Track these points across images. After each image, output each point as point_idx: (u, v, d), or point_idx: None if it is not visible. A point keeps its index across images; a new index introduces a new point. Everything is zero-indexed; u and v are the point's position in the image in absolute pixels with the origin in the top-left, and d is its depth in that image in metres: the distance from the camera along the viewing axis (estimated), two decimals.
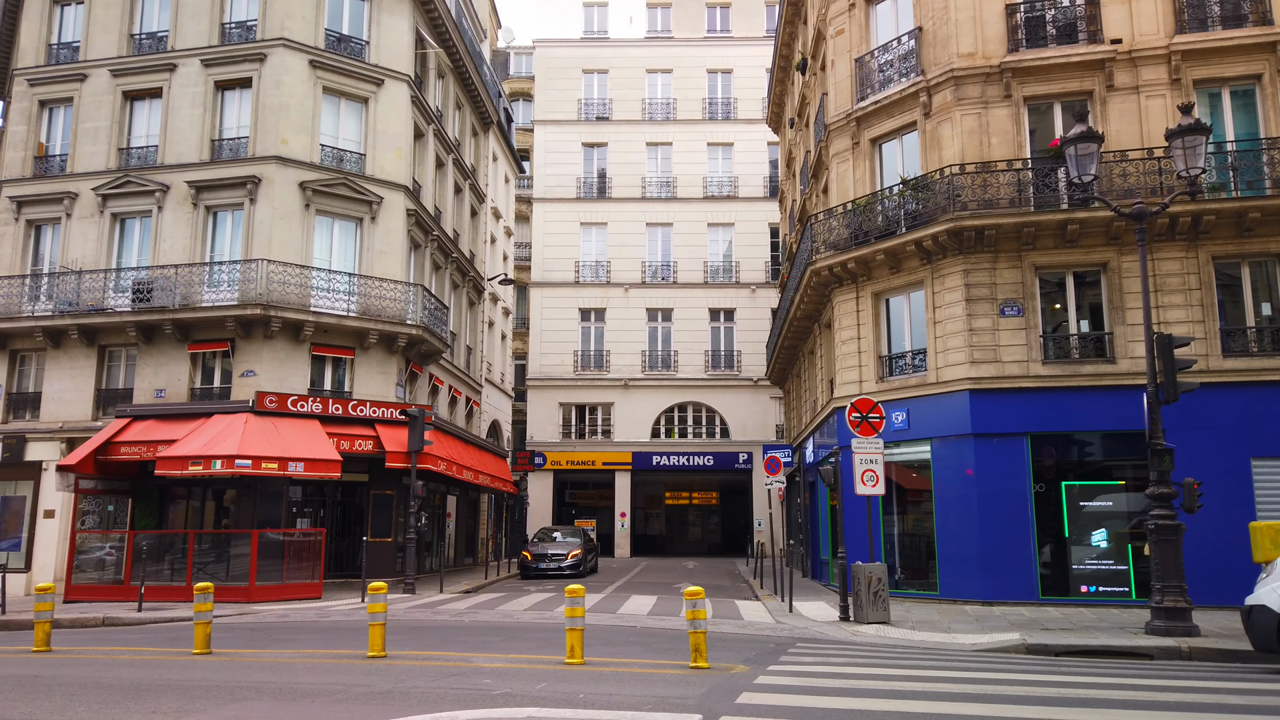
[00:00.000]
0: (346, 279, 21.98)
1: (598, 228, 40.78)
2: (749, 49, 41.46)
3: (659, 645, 10.94)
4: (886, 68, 19.45)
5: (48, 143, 23.05)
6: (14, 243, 22.41)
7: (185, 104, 22.12)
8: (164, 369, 21.14)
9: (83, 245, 22.04)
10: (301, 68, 22.02)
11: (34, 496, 21.26)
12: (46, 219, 22.59)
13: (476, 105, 30.40)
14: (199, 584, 10.57)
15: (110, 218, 22.12)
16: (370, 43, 23.34)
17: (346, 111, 22.93)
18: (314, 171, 21.88)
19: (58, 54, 23.34)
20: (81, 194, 22.21)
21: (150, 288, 20.91)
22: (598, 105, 41.87)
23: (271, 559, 18.40)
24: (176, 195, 21.77)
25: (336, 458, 19.11)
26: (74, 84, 22.75)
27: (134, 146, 22.56)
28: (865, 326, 19.10)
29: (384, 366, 22.40)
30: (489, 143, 32.96)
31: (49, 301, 21.84)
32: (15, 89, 23.09)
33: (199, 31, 22.42)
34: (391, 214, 22.90)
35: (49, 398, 21.65)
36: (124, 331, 21.11)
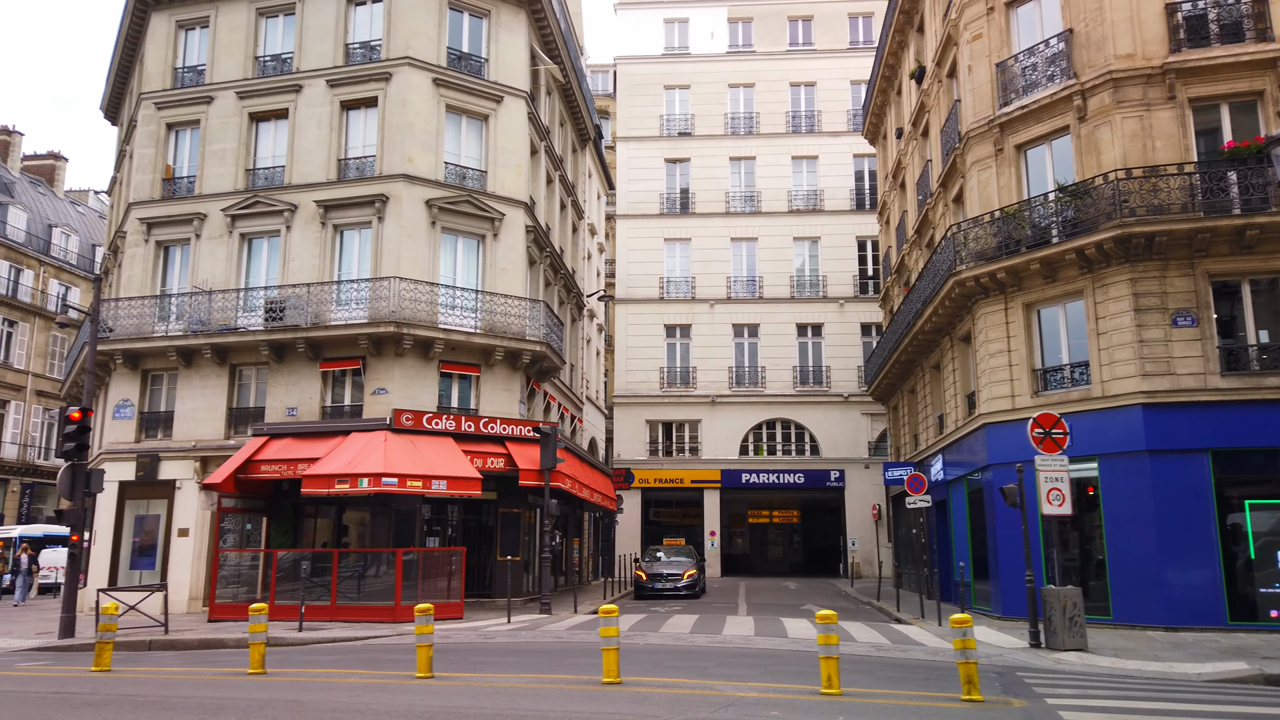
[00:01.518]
0: (471, 296, 21.89)
1: (681, 243, 40.54)
2: (832, 61, 41.10)
3: (890, 674, 10.48)
4: (1031, 71, 18.94)
5: (175, 165, 23.33)
6: (144, 264, 22.68)
7: (312, 124, 22.27)
8: (295, 387, 21.18)
9: (212, 265, 22.23)
10: (425, 86, 22.07)
11: (168, 515, 21.37)
12: (175, 240, 22.85)
13: (576, 121, 30.37)
14: (419, 605, 10.34)
15: (239, 238, 22.30)
16: (489, 60, 23.36)
17: (467, 129, 22.94)
18: (439, 189, 21.88)
19: (183, 77, 23.67)
20: (210, 215, 22.42)
21: (282, 306, 20.99)
22: (680, 121, 41.74)
23: (411, 578, 18.22)
24: (305, 215, 21.88)
25: (476, 475, 18.93)
26: (201, 106, 23.04)
27: (260, 167, 22.76)
28: (1016, 339, 18.50)
29: (508, 383, 22.24)
30: (585, 159, 32.92)
31: (179, 321, 22.03)
32: (142, 113, 23.43)
33: (323, 53, 22.60)
34: (512, 231, 22.82)
35: (181, 417, 21.79)
36: (256, 350, 21.20)
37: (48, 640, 16.24)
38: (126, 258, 23.07)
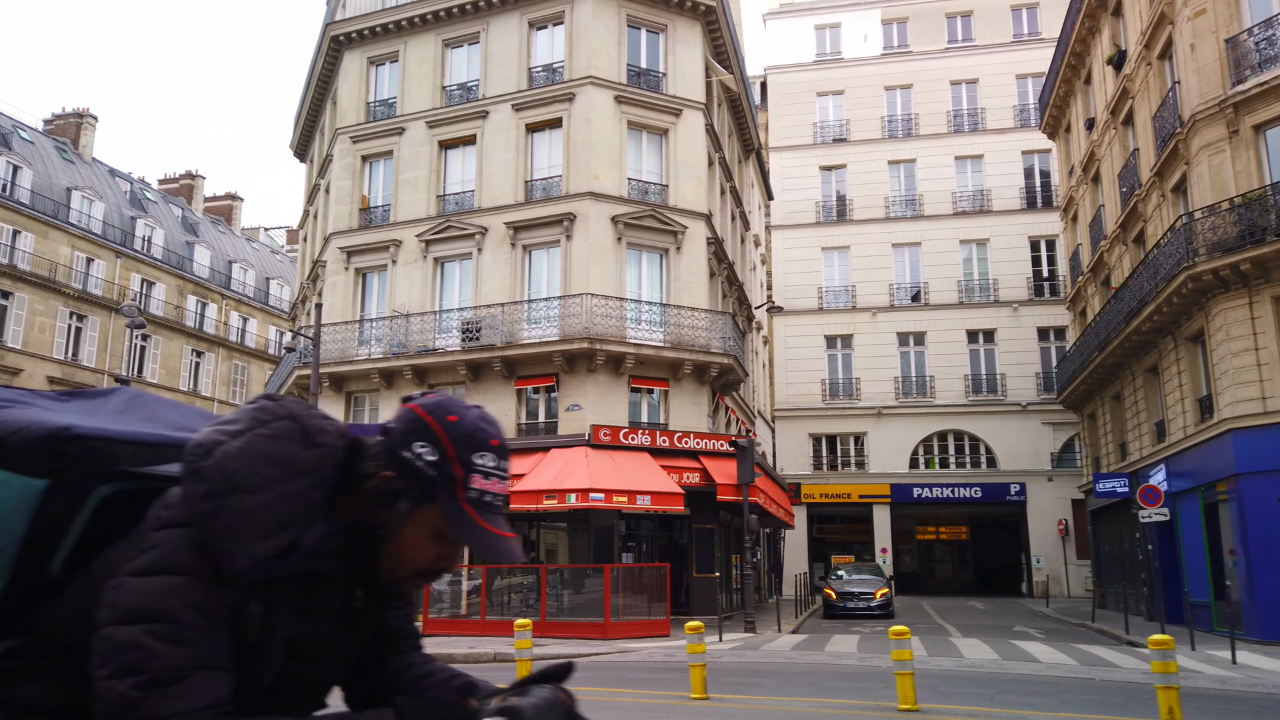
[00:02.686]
0: (657, 310, 21.80)
1: (840, 251, 39.57)
2: (996, 56, 39.40)
3: (1226, 708, 9.50)
4: (1267, 46, 17.37)
5: (370, 195, 24.32)
6: (344, 291, 23.68)
7: (498, 148, 22.79)
8: (491, 405, 21.53)
9: (408, 290, 22.98)
10: (608, 104, 22.23)
11: None
12: (372, 266, 23.77)
13: (742, 132, 30.10)
14: (690, 623, 10.08)
15: (432, 262, 22.99)
16: (666, 74, 23.36)
17: (648, 144, 22.98)
18: (623, 205, 21.95)
19: (375, 111, 24.70)
20: (405, 241, 23.22)
21: (477, 327, 21.45)
22: (834, 127, 40.90)
23: (619, 594, 18.13)
24: (495, 236, 22.36)
25: (679, 490, 18.72)
26: (393, 138, 23.96)
27: (450, 193, 23.44)
28: (1264, 335, 16.90)
29: (695, 397, 22.01)
30: (749, 170, 32.59)
31: (379, 345, 22.84)
32: (338, 147, 24.56)
33: (507, 78, 23.12)
34: (694, 243, 22.65)
35: None
36: (453, 370, 21.73)
37: None
38: (327, 285, 24.15)
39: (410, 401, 1.35)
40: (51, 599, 1.32)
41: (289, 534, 1.22)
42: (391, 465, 1.29)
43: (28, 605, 1.32)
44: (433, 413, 1.31)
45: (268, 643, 1.24)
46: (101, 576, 1.24)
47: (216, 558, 1.18)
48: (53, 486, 1.29)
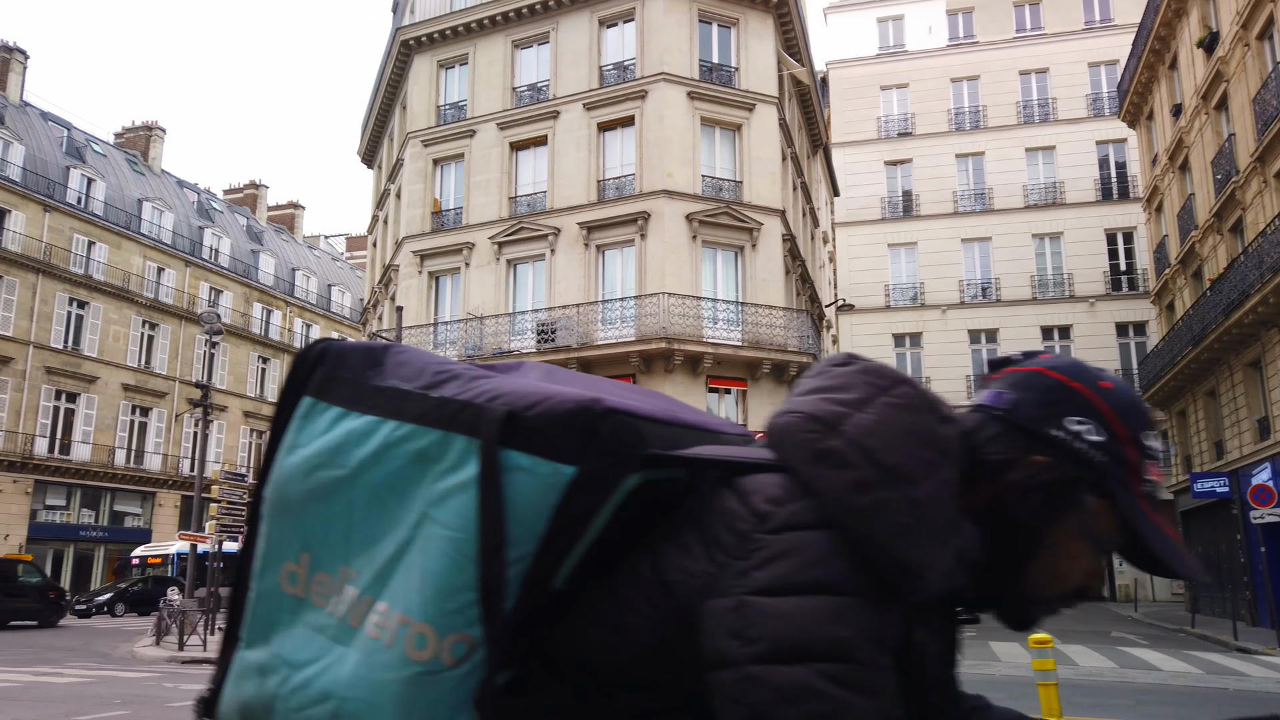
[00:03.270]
0: (733, 309, 21.43)
1: (906, 248, 38.77)
2: (1067, 44, 38.29)
3: None
4: None
5: (442, 198, 24.33)
6: (418, 294, 23.70)
7: (570, 148, 22.61)
8: None
9: (481, 292, 22.91)
10: (680, 100, 21.93)
11: None
12: (445, 270, 23.76)
13: (810, 126, 29.60)
14: None
15: (505, 264, 22.90)
16: (739, 69, 22.99)
17: (720, 140, 22.63)
18: (697, 203, 21.62)
19: (445, 114, 24.71)
20: (478, 244, 23.16)
21: (553, 328, 21.28)
22: (898, 121, 40.09)
23: None
24: (567, 237, 22.18)
25: None
26: (464, 140, 23.93)
27: (522, 194, 23.33)
28: None
29: (774, 397, 21.55)
30: (816, 166, 32.05)
31: (452, 348, 22.79)
32: (409, 151, 24.61)
33: (578, 78, 22.95)
34: (769, 240, 22.23)
35: None
36: None
37: None
38: (400, 289, 24.20)
39: (1032, 363, 1.02)
40: (558, 617, 1.02)
41: (959, 537, 0.90)
42: (1039, 447, 0.96)
43: (531, 626, 1.02)
44: (1080, 378, 0.98)
45: (926, 685, 0.92)
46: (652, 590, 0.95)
47: (888, 571, 0.86)
48: (579, 476, 0.97)
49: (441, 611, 0.92)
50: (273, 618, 1.07)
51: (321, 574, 1.04)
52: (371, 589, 0.99)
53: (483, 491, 0.93)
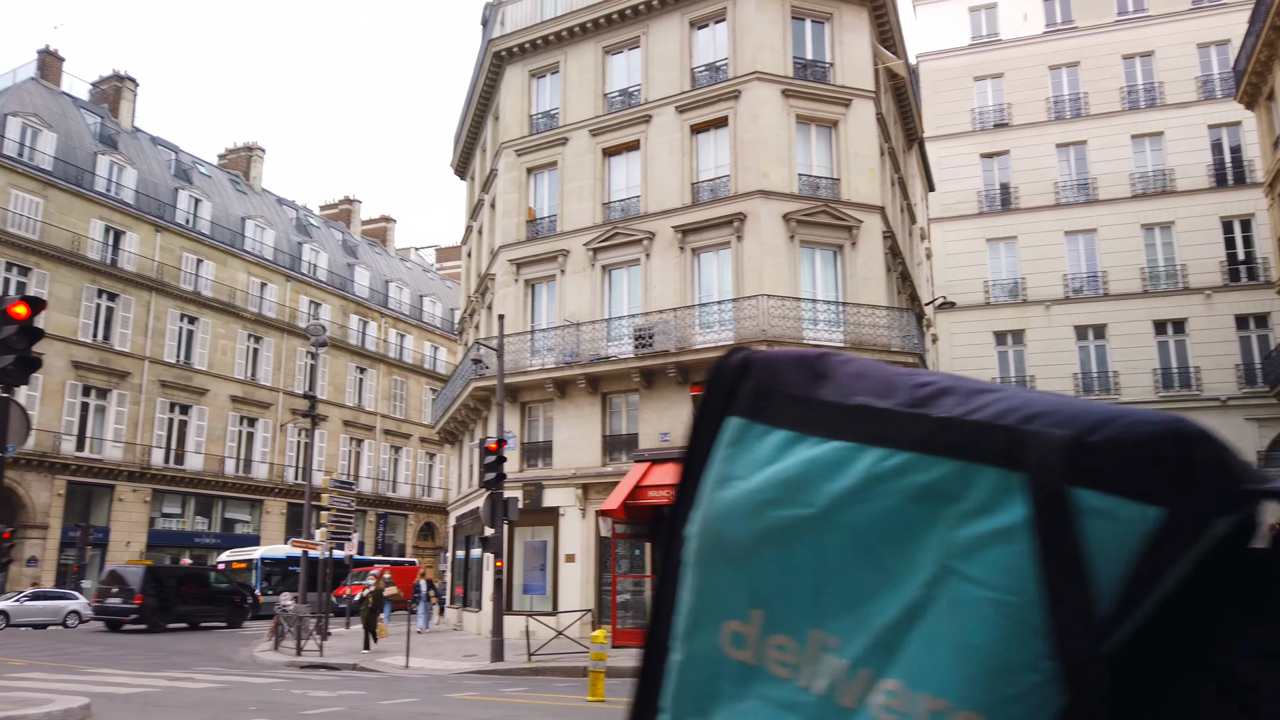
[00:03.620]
0: (833, 309, 20.98)
1: (1005, 243, 37.44)
2: (1173, 26, 36.47)
3: None
4: None
5: (535, 206, 24.52)
6: (515, 302, 23.93)
7: (663, 152, 22.52)
8: (666, 412, 21.24)
9: (577, 299, 22.99)
10: (775, 99, 21.61)
11: (554, 541, 22.14)
12: (540, 277, 23.93)
13: (905, 121, 28.87)
14: None
15: (600, 270, 22.92)
16: (834, 64, 22.55)
17: (816, 137, 22.23)
18: (794, 202, 21.26)
19: (538, 123, 24.92)
20: (572, 250, 23.25)
21: (650, 333, 21.18)
22: (993, 113, 38.80)
23: None
24: (662, 241, 22.07)
25: None
26: (557, 149, 24.08)
27: (615, 200, 23.34)
28: None
29: None
30: (911, 161, 31.25)
31: (550, 354, 22.92)
32: (503, 161, 24.89)
33: (669, 80, 22.85)
34: (869, 238, 21.70)
35: (559, 445, 22.59)
36: (626, 378, 21.53)
37: (479, 663, 17.00)
38: (497, 298, 24.47)
39: None
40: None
41: None
42: None
43: None
44: None
45: None
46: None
47: None
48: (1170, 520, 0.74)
49: (996, 697, 0.71)
50: (711, 687, 0.87)
51: (781, 637, 0.84)
52: (870, 661, 0.78)
53: (1049, 542, 0.71)
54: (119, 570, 29.40)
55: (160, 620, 27.56)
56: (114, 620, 26.97)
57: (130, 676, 14.34)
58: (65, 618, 28.08)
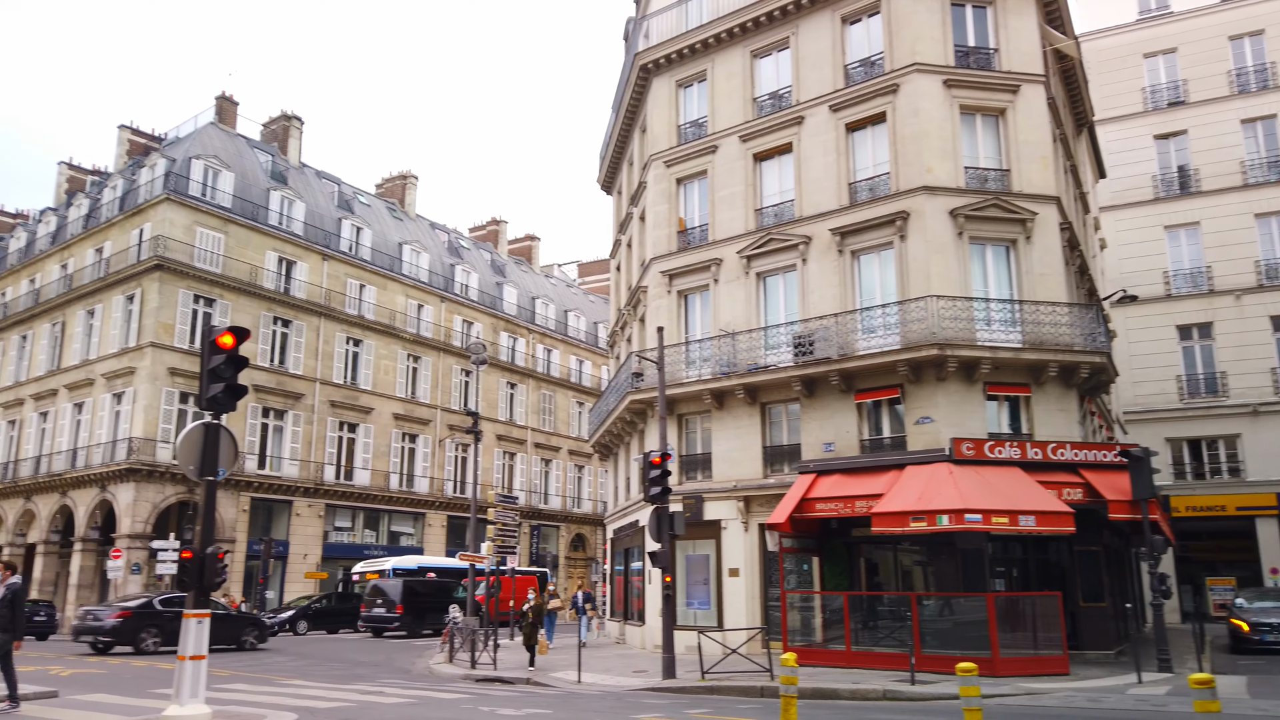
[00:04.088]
0: (1007, 308, 19.72)
1: (1187, 229, 34.60)
2: None
3: None
4: None
5: (686, 216, 24.32)
6: (668, 313, 23.76)
7: (817, 153, 21.87)
8: (830, 422, 20.52)
9: (731, 307, 22.60)
10: (936, 90, 20.60)
11: (716, 555, 21.77)
12: (693, 287, 23.69)
13: (1074, 104, 27.02)
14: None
15: (755, 277, 22.46)
16: (998, 49, 21.32)
17: (983, 127, 21.05)
18: (961, 197, 20.16)
19: (686, 133, 24.74)
20: (725, 259, 22.90)
21: (810, 340, 20.54)
22: (1167, 90, 35.99)
23: (1009, 626, 16.32)
24: (819, 245, 21.41)
25: (1067, 510, 16.55)
26: (706, 157, 23.82)
27: (767, 205, 22.85)
28: None
29: (1062, 402, 19.61)
30: (1081, 147, 29.28)
31: (705, 365, 22.60)
32: (652, 173, 24.82)
33: (821, 79, 22.19)
34: (1045, 231, 20.33)
35: (719, 458, 22.22)
36: (786, 387, 20.94)
37: (650, 680, 16.76)
38: (650, 310, 24.38)
39: None
40: None
41: None
42: None
43: None
44: None
45: None
46: None
47: None
48: None
49: None
50: None
51: None
52: None
53: None
54: (381, 584, 33.21)
55: (417, 628, 30.95)
56: (378, 628, 30.49)
57: (323, 689, 14.89)
58: None
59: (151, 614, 22.95)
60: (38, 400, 40.65)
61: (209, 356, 10.56)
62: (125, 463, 34.59)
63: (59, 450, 38.67)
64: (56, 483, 37.71)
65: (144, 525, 34.74)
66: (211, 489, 10.41)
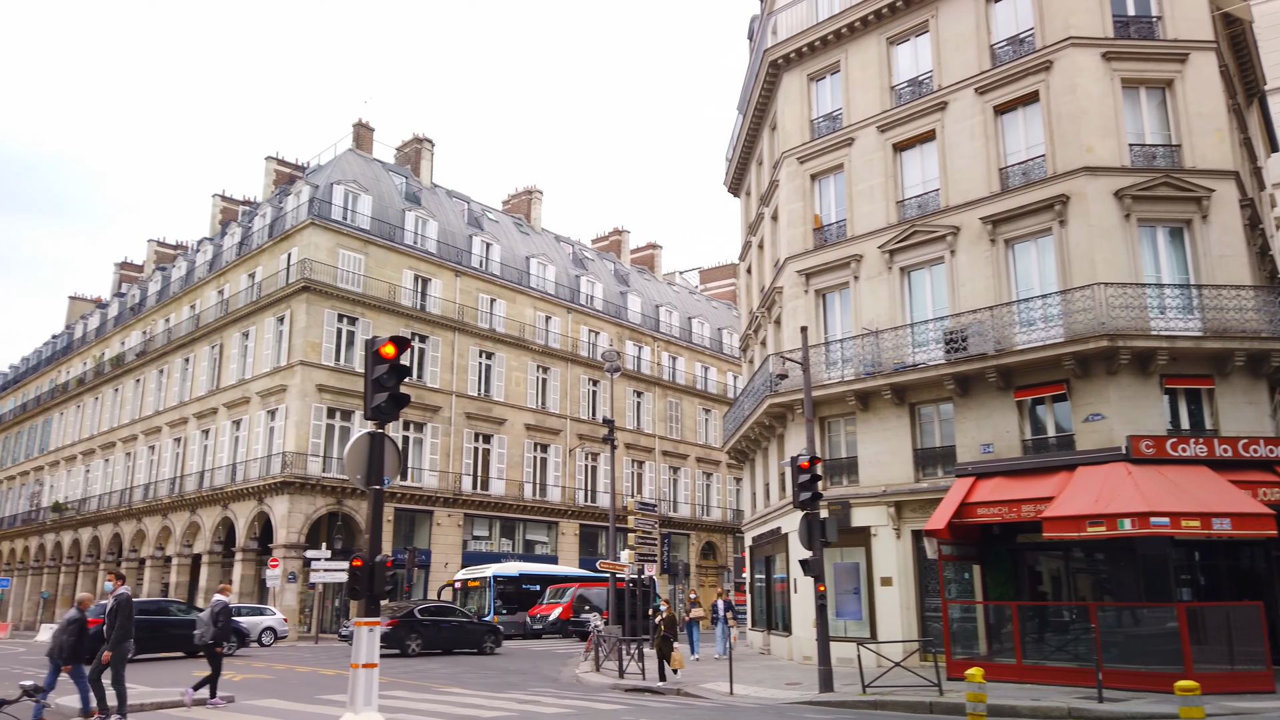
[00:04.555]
0: (1186, 294, 18.16)
1: None
2: None
3: None
4: None
5: (821, 213, 23.61)
6: (805, 314, 23.08)
7: (962, 139, 20.81)
8: (986, 421, 19.39)
9: (874, 305, 21.74)
10: (1094, 64, 19.25)
11: (867, 563, 20.91)
12: (831, 286, 22.93)
13: (1245, 73, 24.84)
14: None
15: (898, 272, 21.54)
16: (1161, 17, 19.77)
17: (1147, 101, 19.55)
18: (1126, 176, 18.73)
19: (819, 127, 24.03)
20: (866, 255, 22.06)
21: (963, 336, 19.47)
22: None
23: (1203, 639, 14.91)
24: (968, 235, 20.32)
25: (1267, 511, 15.01)
26: (842, 150, 23.06)
27: (909, 197, 21.90)
28: None
29: (1251, 394, 17.88)
30: (1252, 118, 26.91)
31: (847, 366, 21.80)
32: (785, 170, 24.22)
33: (964, 62, 21.13)
34: (1223, 209, 18.66)
35: (865, 462, 21.38)
36: (938, 385, 19.93)
37: (805, 693, 16.14)
38: (786, 311, 23.75)
39: None
40: None
41: None
42: None
43: None
44: None
45: None
46: None
47: None
48: None
49: None
50: None
51: None
52: None
53: None
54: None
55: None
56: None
57: (481, 697, 14.97)
58: (260, 634, 29.75)
59: (413, 622, 26.04)
60: (199, 419, 43.25)
61: (372, 367, 10.65)
62: (279, 476, 36.31)
63: (220, 465, 40.99)
64: (218, 496, 39.97)
65: (298, 535, 36.36)
66: (379, 497, 10.50)
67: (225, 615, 14.03)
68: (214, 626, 13.72)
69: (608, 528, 50.54)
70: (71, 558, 52.59)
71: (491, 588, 35.75)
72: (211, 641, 13.66)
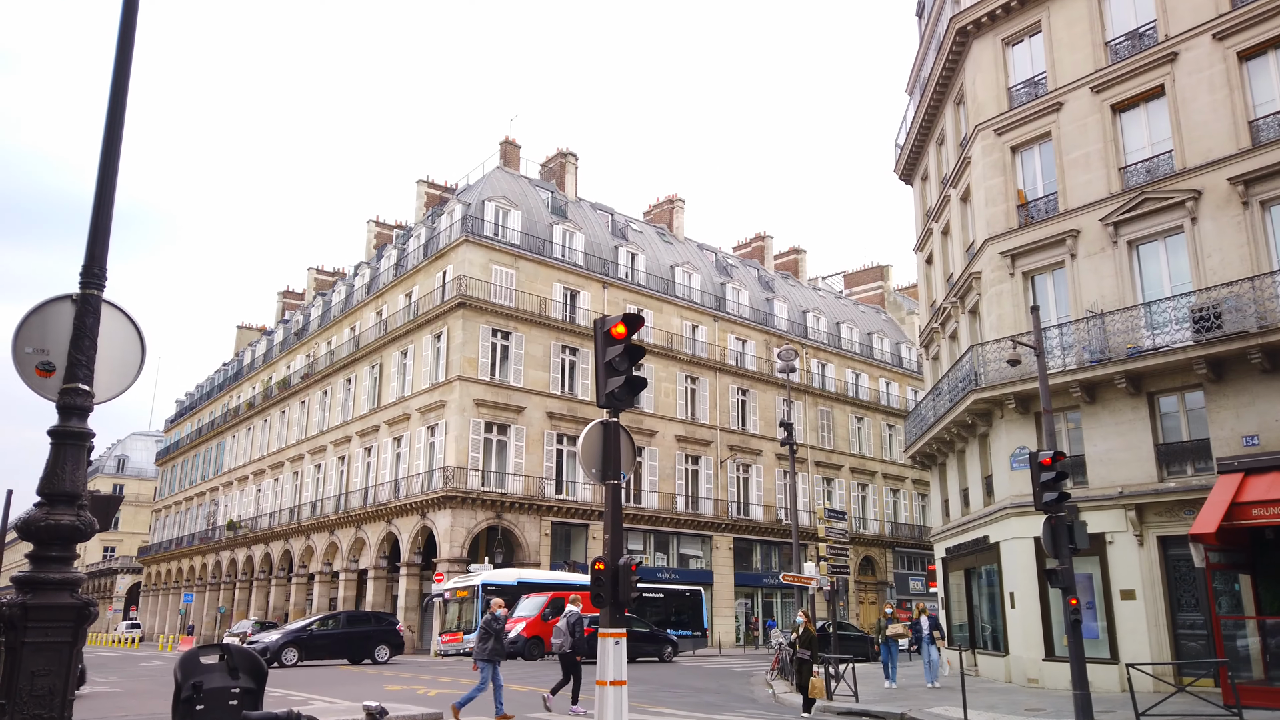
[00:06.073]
0: None
1: None
2: None
3: None
4: None
5: (1025, 188, 21.46)
6: (1012, 299, 20.96)
7: (1200, 92, 18.36)
8: (1249, 409, 16.82)
9: (1097, 284, 19.44)
10: None
11: (1102, 573, 18.54)
12: (1041, 267, 20.74)
13: None
14: None
15: (1125, 246, 19.18)
16: None
17: None
18: None
19: (1017, 95, 21.93)
20: (1083, 229, 19.81)
21: (1217, 312, 16.99)
22: None
23: None
24: (1213, 199, 17.84)
25: None
26: (1048, 118, 20.90)
27: (1133, 162, 19.54)
28: None
29: None
30: None
31: (1067, 354, 19.53)
32: (979, 145, 22.21)
33: (1198, 5, 18.72)
34: None
35: (1094, 459, 19.05)
36: (1186, 371, 17.48)
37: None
38: (987, 298, 21.67)
39: None
40: None
41: None
42: None
43: None
44: None
45: None
46: None
47: None
48: None
49: None
50: None
51: None
52: None
53: None
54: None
55: None
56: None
57: (682, 717, 13.73)
58: None
59: None
60: (362, 437, 44.13)
61: (603, 349, 9.63)
62: (441, 490, 36.35)
63: (383, 482, 41.59)
64: (382, 512, 40.49)
65: (460, 549, 36.28)
66: (616, 492, 9.38)
67: (580, 625, 14.88)
68: (571, 636, 14.61)
69: (761, 541, 49.19)
70: (245, 574, 54.76)
71: (479, 598, 30.00)
72: (570, 650, 14.51)
